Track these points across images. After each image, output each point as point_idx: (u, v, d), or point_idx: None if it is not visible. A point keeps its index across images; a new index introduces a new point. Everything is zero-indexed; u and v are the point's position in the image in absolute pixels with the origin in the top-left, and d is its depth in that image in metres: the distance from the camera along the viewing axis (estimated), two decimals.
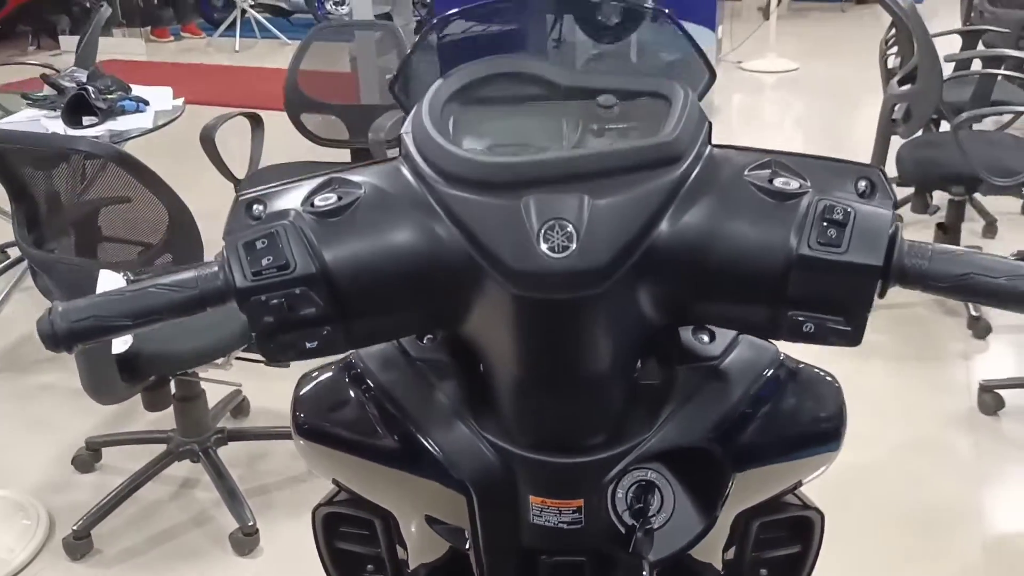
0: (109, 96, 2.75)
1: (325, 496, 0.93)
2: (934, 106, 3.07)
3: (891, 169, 3.12)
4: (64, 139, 2.05)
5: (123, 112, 2.76)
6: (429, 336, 0.79)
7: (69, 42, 7.82)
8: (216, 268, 0.68)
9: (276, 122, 3.26)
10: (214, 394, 2.48)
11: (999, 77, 3.33)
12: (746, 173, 0.68)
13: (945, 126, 3.24)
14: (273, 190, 0.70)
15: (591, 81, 0.75)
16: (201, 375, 2.26)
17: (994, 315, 3.10)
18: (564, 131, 0.74)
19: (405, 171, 0.70)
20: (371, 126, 2.85)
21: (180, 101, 2.94)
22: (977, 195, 3.39)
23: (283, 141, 3.36)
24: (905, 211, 3.65)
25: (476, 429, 0.74)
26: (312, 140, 3.30)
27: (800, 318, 0.66)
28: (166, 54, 7.96)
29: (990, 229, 3.66)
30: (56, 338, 0.67)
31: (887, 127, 3.04)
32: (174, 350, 2.00)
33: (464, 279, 0.67)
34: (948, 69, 3.16)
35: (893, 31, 3.41)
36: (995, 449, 2.48)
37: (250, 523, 2.17)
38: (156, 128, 2.73)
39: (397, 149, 0.72)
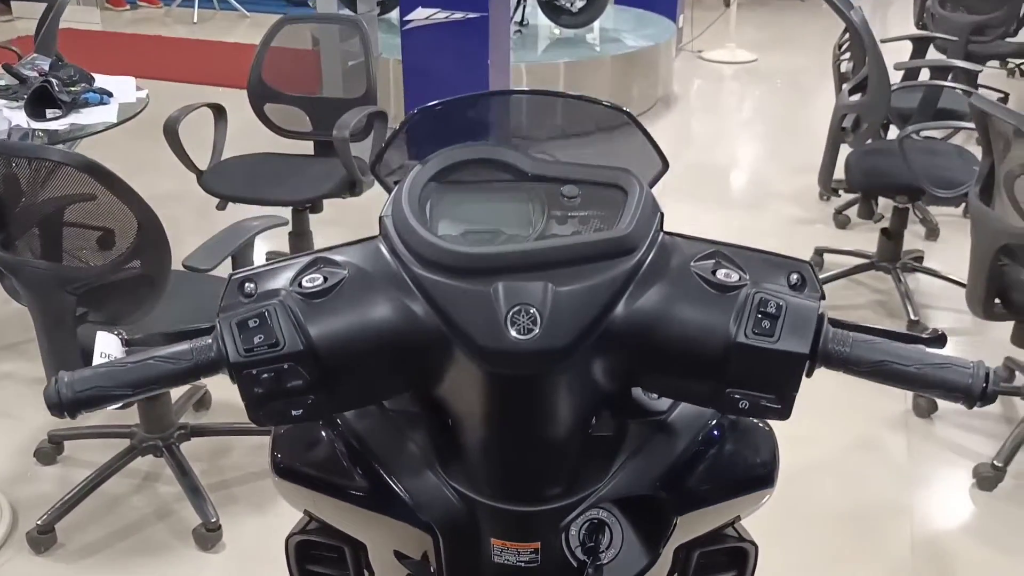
0: (72, 88, 2.74)
1: (297, 525, 1.00)
2: (882, 118, 3.18)
3: (839, 174, 3.23)
4: (35, 148, 2.06)
5: (87, 104, 2.75)
6: None
7: (21, 8, 7.64)
8: (210, 341, 0.74)
9: (237, 104, 3.25)
10: (176, 388, 2.51)
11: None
12: (692, 264, 0.76)
13: (894, 131, 3.35)
14: (264, 270, 0.76)
15: (554, 170, 0.83)
16: None
17: (932, 319, 3.24)
18: (531, 217, 0.81)
19: (384, 251, 0.77)
20: (336, 123, 2.89)
21: (144, 93, 2.94)
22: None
23: (245, 126, 3.36)
24: (852, 214, 3.79)
25: (443, 477, 0.82)
26: (275, 131, 3.31)
27: (737, 395, 0.74)
28: (121, 23, 7.80)
29: (933, 233, 3.79)
30: (62, 406, 0.74)
31: (837, 136, 3.14)
32: None
33: (437, 352, 0.75)
34: (897, 76, 3.27)
35: (847, 35, 3.50)
36: (927, 451, 2.61)
37: (212, 519, 2.21)
38: (121, 123, 2.73)
39: (379, 231, 0.79)
